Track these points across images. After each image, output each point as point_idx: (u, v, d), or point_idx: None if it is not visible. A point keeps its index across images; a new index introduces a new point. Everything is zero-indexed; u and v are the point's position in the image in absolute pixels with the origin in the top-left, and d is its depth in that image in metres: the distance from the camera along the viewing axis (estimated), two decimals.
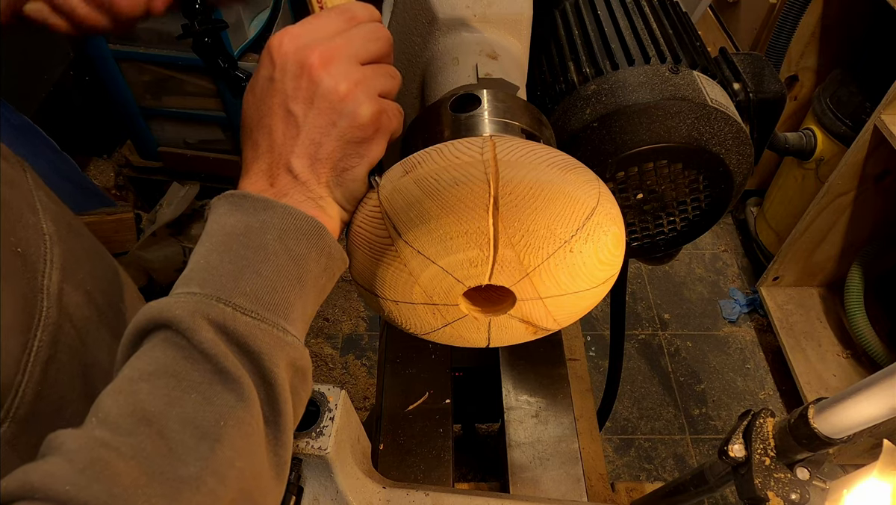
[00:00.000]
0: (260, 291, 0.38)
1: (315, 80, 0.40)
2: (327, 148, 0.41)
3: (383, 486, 0.59)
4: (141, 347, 0.37)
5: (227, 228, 0.39)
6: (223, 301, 0.36)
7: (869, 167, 1.60)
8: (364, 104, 0.41)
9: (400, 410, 0.80)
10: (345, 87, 0.40)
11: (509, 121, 0.48)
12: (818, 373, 1.83)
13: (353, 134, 0.41)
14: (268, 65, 0.41)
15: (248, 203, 0.40)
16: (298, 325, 0.40)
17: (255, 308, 0.37)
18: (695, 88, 0.56)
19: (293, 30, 0.41)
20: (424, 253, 0.42)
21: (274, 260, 0.39)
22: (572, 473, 0.76)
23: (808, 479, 0.57)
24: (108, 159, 1.98)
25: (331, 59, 0.40)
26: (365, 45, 0.43)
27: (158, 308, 0.36)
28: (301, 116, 0.41)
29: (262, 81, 0.42)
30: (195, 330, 0.35)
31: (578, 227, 0.41)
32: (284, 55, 0.41)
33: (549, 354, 0.88)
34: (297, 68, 0.40)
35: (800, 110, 2.08)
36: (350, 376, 1.93)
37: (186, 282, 0.38)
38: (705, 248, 2.33)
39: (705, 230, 0.63)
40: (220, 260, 0.38)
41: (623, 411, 1.89)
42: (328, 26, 0.42)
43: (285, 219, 0.40)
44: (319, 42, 0.41)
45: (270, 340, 0.37)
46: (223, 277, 0.37)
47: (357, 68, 0.41)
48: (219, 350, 0.35)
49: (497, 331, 0.50)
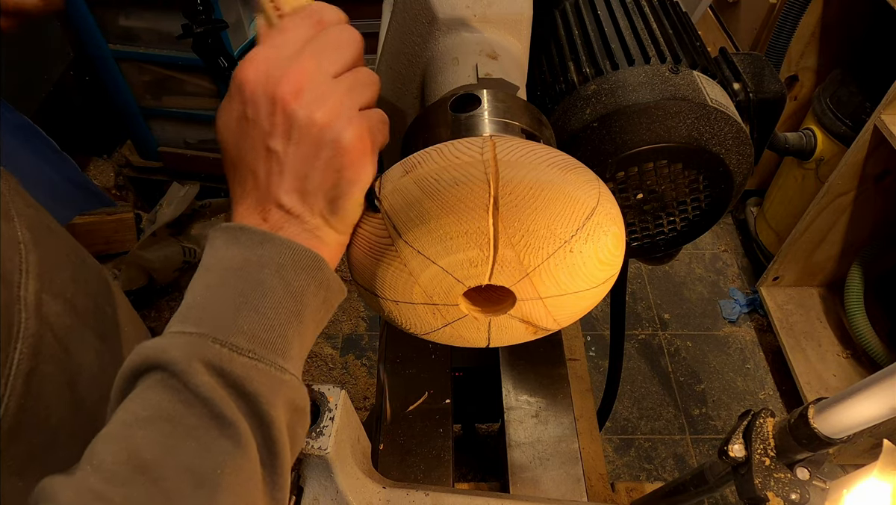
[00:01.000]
0: (257, 329, 0.37)
1: (289, 114, 0.38)
2: (315, 180, 0.39)
3: (383, 486, 0.59)
4: (135, 387, 0.36)
5: (225, 262, 0.38)
6: (220, 341, 0.35)
7: (869, 167, 1.60)
8: (345, 129, 0.39)
9: (400, 410, 0.80)
10: (321, 115, 0.38)
11: (509, 121, 0.48)
12: (818, 373, 1.83)
13: (339, 162, 0.39)
14: (238, 101, 0.39)
15: (244, 236, 0.39)
16: (296, 361, 0.39)
17: (253, 347, 0.36)
18: (695, 88, 0.56)
19: (257, 57, 0.38)
20: (424, 253, 0.42)
21: (272, 296, 0.38)
22: (572, 473, 0.76)
23: (808, 479, 0.57)
24: (108, 159, 1.98)
25: (301, 88, 0.38)
26: (335, 56, 0.40)
27: (153, 348, 0.35)
28: (282, 153, 0.39)
29: (236, 118, 0.39)
30: (191, 374, 0.34)
31: (578, 227, 0.41)
32: (253, 90, 0.38)
33: (549, 354, 0.88)
34: (268, 104, 0.38)
35: (800, 110, 2.08)
36: (350, 376, 1.93)
37: (182, 319, 0.37)
38: (705, 248, 2.33)
39: (705, 230, 0.63)
40: (216, 296, 0.37)
41: (623, 411, 1.89)
42: (293, 42, 0.39)
43: (283, 253, 0.39)
44: (286, 68, 0.38)
45: (268, 380, 0.36)
46: (220, 315, 0.36)
47: (331, 88, 0.39)
48: (215, 394, 0.34)
49: (497, 331, 0.50)
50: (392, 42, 0.59)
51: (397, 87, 0.63)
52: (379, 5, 0.76)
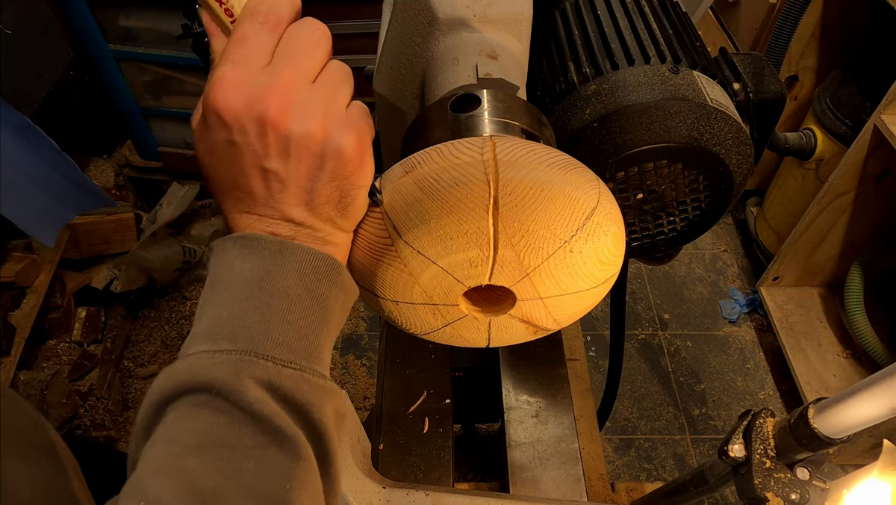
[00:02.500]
0: (293, 340, 0.36)
1: (283, 133, 0.36)
2: (322, 192, 0.38)
3: (383, 486, 0.59)
4: (166, 415, 0.34)
5: (245, 275, 0.37)
6: (261, 356, 0.34)
7: (869, 167, 1.60)
8: (344, 136, 0.37)
9: (400, 410, 0.80)
10: (316, 127, 0.36)
11: (509, 121, 0.48)
12: (818, 373, 1.83)
13: (343, 170, 0.38)
14: (219, 127, 0.36)
15: (260, 246, 0.37)
16: (328, 365, 0.39)
17: (294, 358, 0.36)
18: (695, 88, 0.56)
19: (228, 79, 0.35)
20: (424, 253, 0.42)
21: (300, 305, 0.37)
22: (572, 473, 0.76)
23: (808, 479, 0.57)
24: (108, 159, 1.98)
25: (287, 103, 0.36)
26: (308, 59, 0.37)
27: (188, 371, 0.34)
28: (282, 171, 0.37)
29: (221, 144, 0.37)
30: (242, 392, 0.33)
31: (578, 227, 0.41)
32: (236, 115, 0.35)
33: (549, 354, 0.88)
34: (256, 127, 0.35)
35: (800, 110, 2.08)
36: (350, 376, 1.93)
37: (212, 338, 0.35)
38: (705, 248, 2.33)
39: (705, 230, 0.63)
40: (244, 310, 0.36)
41: (623, 411, 1.89)
42: (259, 54, 0.36)
43: (303, 260, 0.38)
44: (266, 86, 0.35)
45: (316, 390, 0.36)
46: (253, 329, 0.35)
47: (315, 95, 0.37)
48: (270, 410, 0.33)
49: (497, 331, 0.50)
50: (392, 42, 0.59)
51: (397, 87, 0.63)
52: (379, 5, 0.76)
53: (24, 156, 1.28)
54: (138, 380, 1.90)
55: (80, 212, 1.46)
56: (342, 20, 2.31)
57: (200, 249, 2.06)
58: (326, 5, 2.27)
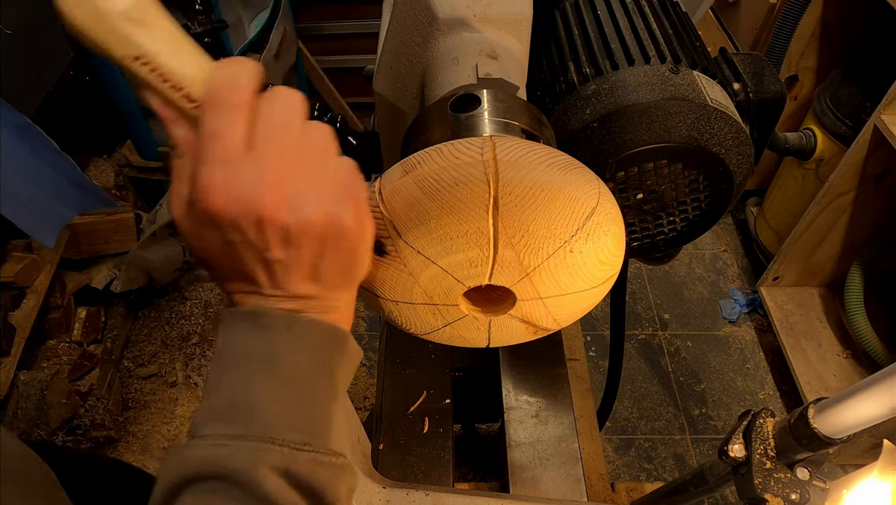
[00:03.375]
0: (307, 421, 0.37)
1: (281, 227, 0.35)
2: (327, 268, 0.38)
3: (383, 486, 0.59)
4: (182, 496, 0.34)
5: (258, 353, 0.37)
6: (277, 442, 0.35)
7: (869, 167, 1.60)
8: (343, 211, 0.36)
9: (400, 410, 0.80)
10: (313, 211, 0.35)
11: (509, 121, 0.48)
12: (818, 373, 1.83)
13: (347, 244, 0.37)
14: (215, 230, 0.35)
15: (270, 321, 0.37)
16: (339, 437, 0.39)
17: (307, 439, 0.36)
18: (695, 88, 0.56)
19: (218, 182, 0.33)
20: (424, 253, 0.42)
21: (312, 382, 0.37)
22: (572, 473, 0.76)
23: (808, 479, 0.57)
24: (108, 159, 1.97)
25: (280, 197, 0.34)
26: (287, 136, 0.35)
27: (205, 459, 0.34)
28: (286, 260, 0.36)
29: (217, 246, 0.36)
30: (261, 482, 0.33)
31: (578, 227, 0.41)
32: (231, 220, 0.34)
33: (549, 354, 0.88)
34: (253, 226, 0.34)
35: (800, 110, 2.08)
36: None
37: (226, 420, 0.35)
38: (705, 248, 2.33)
39: (705, 230, 0.63)
40: (258, 391, 0.36)
41: (623, 411, 1.89)
42: (237, 140, 0.34)
43: (314, 335, 0.38)
44: (254, 183, 0.34)
45: (330, 472, 0.37)
46: (268, 412, 0.35)
47: (305, 174, 0.35)
48: (288, 499, 0.34)
49: (497, 331, 0.50)
50: (392, 42, 0.59)
51: (397, 87, 0.63)
52: (379, 5, 0.76)
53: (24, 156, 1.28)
54: (138, 380, 1.90)
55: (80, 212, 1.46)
56: (342, 20, 2.31)
57: None
58: (326, 5, 2.27)
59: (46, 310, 1.62)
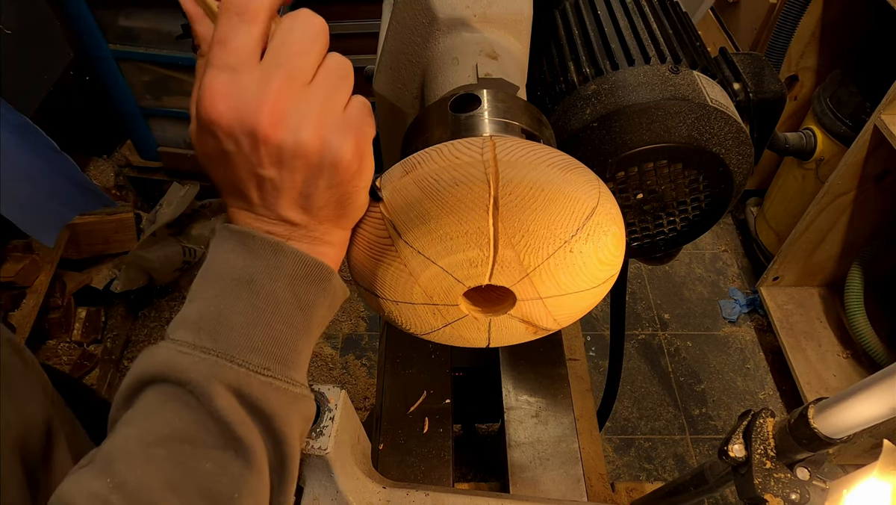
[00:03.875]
0: (271, 345, 0.37)
1: (275, 145, 0.34)
2: (319, 198, 0.38)
3: (383, 486, 0.59)
4: (144, 393, 0.36)
5: (236, 271, 0.37)
6: (237, 361, 0.36)
7: (869, 167, 1.60)
8: (340, 145, 0.36)
9: (400, 410, 0.80)
10: (310, 137, 0.35)
11: (509, 121, 0.48)
12: (818, 373, 1.83)
13: (341, 176, 0.37)
14: (212, 137, 0.35)
15: (255, 245, 0.38)
16: (304, 368, 0.40)
17: (268, 364, 0.37)
18: (695, 88, 0.56)
19: (217, 87, 0.34)
20: (424, 253, 0.42)
21: (284, 310, 0.38)
22: (572, 473, 0.76)
23: (808, 479, 0.57)
24: (108, 159, 1.98)
25: (279, 114, 0.34)
26: (300, 59, 0.35)
27: (168, 363, 0.35)
28: (277, 179, 0.36)
29: (216, 152, 0.36)
30: (212, 397, 0.34)
31: (578, 227, 0.41)
32: (227, 128, 0.34)
33: (549, 354, 0.88)
34: (249, 139, 0.34)
35: (800, 110, 2.08)
36: (350, 376, 1.93)
37: (195, 329, 0.36)
38: (705, 248, 2.33)
39: (705, 230, 0.63)
40: (229, 309, 0.37)
41: (623, 411, 1.89)
42: (245, 51, 0.34)
43: (295, 265, 0.38)
44: (256, 95, 0.33)
45: (283, 398, 0.37)
46: (234, 330, 0.36)
47: (309, 99, 0.35)
48: (235, 417, 0.35)
49: (497, 331, 0.50)
50: (392, 42, 0.59)
51: (397, 87, 0.63)
52: (379, 5, 0.76)
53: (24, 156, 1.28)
54: None
55: (80, 212, 1.46)
56: (342, 20, 2.31)
57: (200, 249, 2.06)
58: (326, 5, 2.27)
59: (46, 310, 1.62)
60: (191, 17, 0.38)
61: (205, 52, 0.37)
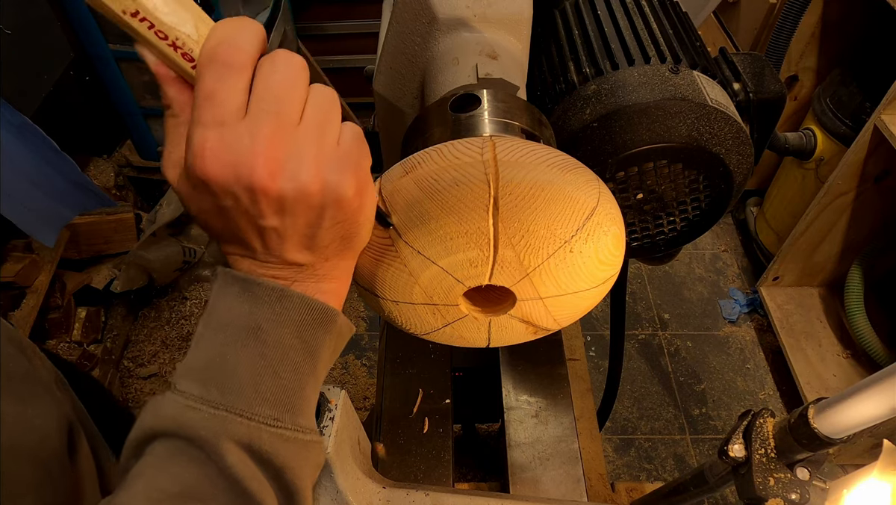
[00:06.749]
0: (280, 395, 0.37)
1: (276, 194, 0.33)
2: (324, 237, 0.37)
3: (383, 486, 0.59)
4: (154, 445, 0.35)
5: (242, 320, 0.37)
6: (246, 415, 0.35)
7: (869, 167, 1.60)
8: (341, 182, 0.35)
9: (400, 410, 0.80)
10: (309, 180, 0.34)
11: (509, 121, 0.48)
12: (818, 373, 1.83)
13: (344, 213, 0.36)
14: (208, 195, 0.34)
15: (260, 291, 0.37)
16: (313, 411, 0.40)
17: (277, 414, 0.36)
18: (695, 88, 0.56)
19: (210, 145, 0.32)
20: (424, 253, 0.42)
21: (292, 357, 0.37)
22: (572, 473, 0.76)
23: (808, 479, 0.57)
24: (108, 159, 1.97)
25: (276, 162, 0.33)
26: (288, 102, 0.34)
27: (178, 419, 0.35)
28: (280, 228, 0.35)
29: (213, 209, 0.35)
30: (222, 454, 0.34)
31: (578, 227, 0.41)
32: (223, 186, 0.33)
33: (549, 354, 0.88)
34: (247, 194, 0.33)
35: (800, 110, 2.08)
36: (350, 376, 1.93)
37: (202, 381, 0.36)
38: (705, 248, 2.33)
39: (705, 230, 0.63)
40: (237, 359, 0.36)
41: (623, 411, 1.89)
42: (233, 104, 0.33)
43: (301, 311, 0.38)
44: (248, 149, 0.32)
45: (295, 447, 0.37)
46: (243, 382, 0.36)
47: (303, 141, 0.34)
48: (245, 473, 0.34)
49: (497, 331, 0.50)
50: (392, 42, 0.59)
51: (397, 87, 0.63)
52: (379, 5, 0.76)
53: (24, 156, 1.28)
54: (138, 380, 1.90)
55: (80, 212, 1.46)
56: (342, 20, 2.31)
57: (200, 249, 2.06)
58: (326, 5, 2.27)
59: (46, 310, 1.62)
60: (160, 78, 0.36)
61: (177, 112, 0.36)
